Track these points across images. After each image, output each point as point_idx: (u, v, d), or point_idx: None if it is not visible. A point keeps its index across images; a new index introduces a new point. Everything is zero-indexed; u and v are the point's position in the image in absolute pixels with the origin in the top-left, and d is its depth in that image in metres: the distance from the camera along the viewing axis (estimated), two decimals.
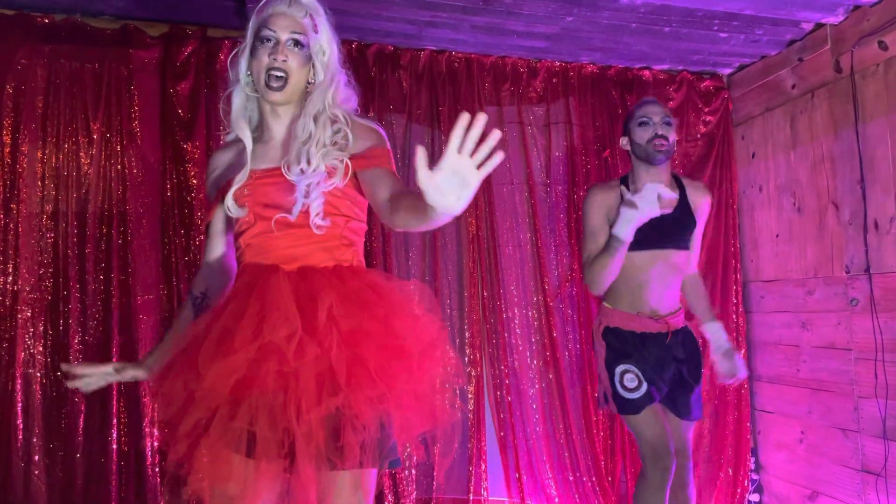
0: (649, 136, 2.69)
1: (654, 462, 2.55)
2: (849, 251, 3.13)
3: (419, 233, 3.60)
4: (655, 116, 2.71)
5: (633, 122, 2.75)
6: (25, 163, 3.19)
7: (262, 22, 1.73)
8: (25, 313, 3.17)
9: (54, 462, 3.16)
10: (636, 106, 2.83)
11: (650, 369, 2.62)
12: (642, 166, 2.74)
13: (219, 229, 1.92)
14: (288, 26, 1.72)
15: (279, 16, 1.72)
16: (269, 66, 1.70)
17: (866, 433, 3.02)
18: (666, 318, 2.70)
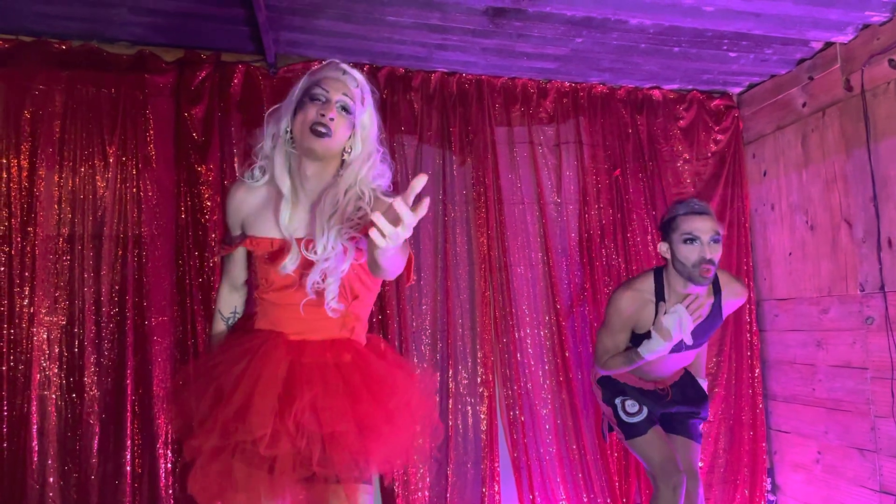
0: (696, 260, 2.48)
1: (665, 481, 2.57)
2: (863, 269, 3.12)
3: (431, 253, 3.61)
4: (705, 235, 2.48)
5: (678, 234, 2.52)
6: (42, 186, 3.24)
7: (315, 82, 1.80)
8: (41, 335, 3.20)
9: (69, 484, 3.17)
10: (681, 213, 2.55)
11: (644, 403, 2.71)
12: (681, 281, 2.56)
13: (240, 258, 2.01)
14: (340, 90, 1.79)
15: (332, 80, 1.80)
16: (315, 119, 1.76)
17: (884, 453, 2.99)
18: (666, 380, 2.77)
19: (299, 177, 1.84)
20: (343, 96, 1.79)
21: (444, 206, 3.62)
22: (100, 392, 3.24)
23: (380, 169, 1.87)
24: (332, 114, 1.76)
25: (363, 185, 1.80)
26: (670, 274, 2.60)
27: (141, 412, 3.27)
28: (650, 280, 2.64)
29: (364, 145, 1.84)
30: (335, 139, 1.78)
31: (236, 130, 3.51)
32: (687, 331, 2.41)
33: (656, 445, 2.60)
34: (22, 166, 3.21)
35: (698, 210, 2.54)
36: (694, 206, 2.55)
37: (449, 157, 3.65)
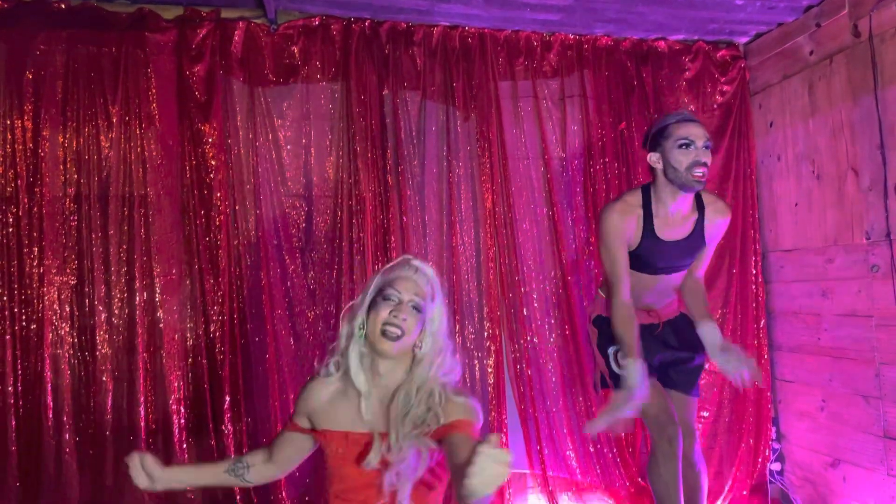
0: (690, 162, 2.49)
1: (660, 433, 2.58)
2: (869, 218, 3.11)
3: (437, 210, 3.61)
4: (699, 140, 2.51)
5: (671, 141, 2.52)
6: (47, 147, 3.25)
7: (388, 282, 1.88)
8: (52, 295, 3.23)
9: (84, 440, 3.24)
10: (673, 121, 2.58)
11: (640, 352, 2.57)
12: (670, 189, 2.56)
13: (290, 442, 2.04)
14: (412, 289, 1.86)
15: (405, 279, 1.88)
16: (387, 320, 1.82)
17: (888, 399, 3.01)
18: (658, 310, 2.76)
19: (372, 373, 1.89)
20: (415, 296, 1.86)
21: (448, 163, 3.61)
22: (111, 350, 3.29)
23: (451, 364, 1.91)
24: (405, 314, 1.83)
25: (433, 383, 1.84)
26: (659, 187, 2.60)
27: (153, 370, 3.32)
28: (638, 194, 2.64)
29: (434, 341, 1.88)
30: (406, 340, 1.84)
31: (238, 89, 3.50)
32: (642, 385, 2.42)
33: (651, 397, 2.49)
34: (26, 127, 3.22)
35: (691, 118, 2.58)
36: (686, 115, 2.59)
37: (452, 113, 3.63)
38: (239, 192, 3.46)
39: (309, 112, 3.55)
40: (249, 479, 2.03)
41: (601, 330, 2.76)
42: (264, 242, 3.46)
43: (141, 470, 1.90)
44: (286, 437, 2.03)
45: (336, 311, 3.48)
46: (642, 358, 2.52)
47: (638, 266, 2.63)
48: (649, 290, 2.71)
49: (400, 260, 1.96)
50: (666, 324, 2.78)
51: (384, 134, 3.57)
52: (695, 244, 2.69)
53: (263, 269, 3.43)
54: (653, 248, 2.59)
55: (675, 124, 2.55)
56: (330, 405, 1.92)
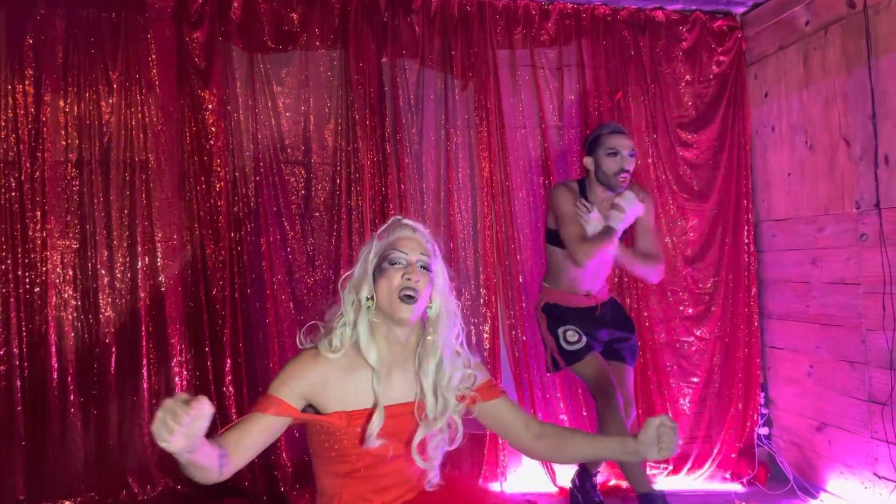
0: (616, 170, 2.98)
1: (602, 394, 2.91)
2: (859, 187, 3.16)
3: (434, 179, 3.66)
4: (624, 150, 2.98)
5: (602, 150, 3.00)
6: (48, 112, 3.28)
7: (391, 245, 1.76)
8: (55, 259, 3.29)
9: (89, 400, 3.32)
10: (605, 133, 3.04)
11: (585, 330, 3.04)
12: (600, 187, 3.06)
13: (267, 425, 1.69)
14: (416, 249, 1.76)
15: (407, 239, 1.77)
16: (401, 286, 1.72)
17: (873, 365, 3.09)
18: (597, 295, 3.14)
19: (388, 343, 1.78)
20: (421, 255, 1.76)
21: (446, 132, 3.65)
22: (115, 314, 3.35)
23: (459, 321, 1.84)
24: (417, 276, 1.73)
25: (455, 345, 1.80)
26: (591, 183, 3.08)
27: (155, 332, 3.38)
28: (575, 184, 3.12)
29: (444, 298, 1.81)
30: (422, 302, 1.74)
31: (238, 55, 3.52)
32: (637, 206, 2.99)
33: (593, 366, 2.95)
34: (27, 92, 3.25)
35: (618, 129, 3.05)
36: (615, 127, 3.07)
37: (451, 82, 3.66)
38: (238, 159, 3.50)
39: (308, 79, 3.58)
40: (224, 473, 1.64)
41: (549, 315, 3.11)
42: (264, 209, 3.50)
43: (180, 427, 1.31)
44: (263, 421, 1.66)
45: (335, 276, 3.54)
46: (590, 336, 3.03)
47: None
48: (585, 272, 3.05)
49: (391, 222, 1.83)
50: (602, 306, 3.13)
51: (383, 102, 3.60)
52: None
53: (263, 234, 3.48)
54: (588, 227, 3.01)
55: (607, 135, 3.02)
56: (338, 382, 1.73)
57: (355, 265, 1.82)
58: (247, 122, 3.52)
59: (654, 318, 3.76)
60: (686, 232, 3.83)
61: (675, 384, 3.77)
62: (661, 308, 3.79)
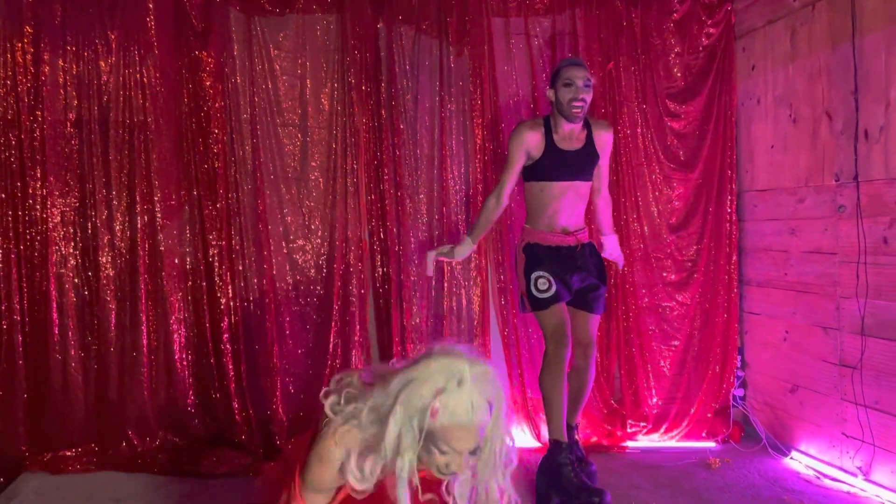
0: (570, 97, 3.07)
1: (554, 342, 3.10)
2: (839, 160, 3.28)
3: (428, 145, 3.73)
4: (579, 80, 3.07)
5: (559, 82, 3.11)
6: (47, 71, 3.30)
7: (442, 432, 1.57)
8: (55, 217, 3.34)
9: (89, 356, 3.41)
10: (563, 65, 3.16)
11: (560, 274, 3.16)
12: (561, 118, 3.16)
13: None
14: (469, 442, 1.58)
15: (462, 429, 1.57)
16: (441, 470, 1.63)
17: (845, 330, 3.25)
18: (575, 233, 3.23)
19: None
20: (473, 446, 1.60)
21: (440, 99, 3.71)
22: (114, 271, 3.42)
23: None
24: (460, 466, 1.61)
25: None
26: (556, 116, 3.19)
27: (154, 291, 3.46)
28: (541, 119, 3.25)
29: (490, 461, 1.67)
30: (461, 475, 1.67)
31: (235, 17, 3.55)
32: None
33: (554, 317, 3.11)
34: (26, 50, 3.27)
35: (576, 62, 3.16)
36: (573, 59, 3.21)
37: (446, 49, 3.71)
38: (236, 121, 3.55)
39: (305, 43, 3.62)
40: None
41: (528, 257, 3.22)
42: (261, 171, 3.57)
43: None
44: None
45: (330, 239, 3.63)
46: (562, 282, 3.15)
47: (546, 174, 3.18)
48: (560, 205, 3.20)
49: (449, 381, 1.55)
50: (582, 245, 3.24)
51: (378, 67, 3.65)
52: (589, 152, 3.23)
53: (260, 196, 3.55)
54: (556, 157, 3.16)
55: (565, 67, 3.13)
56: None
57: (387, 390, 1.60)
58: (244, 84, 3.56)
59: (637, 284, 3.89)
60: (671, 200, 3.94)
61: (656, 347, 3.92)
62: (645, 274, 3.92)
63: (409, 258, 3.72)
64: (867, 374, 3.10)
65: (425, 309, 3.75)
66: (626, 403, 3.87)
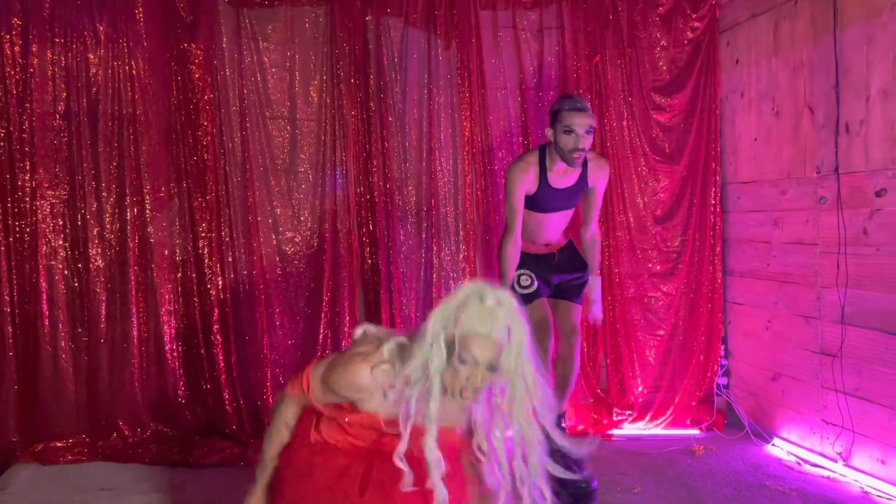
0: (571, 147, 3.03)
1: (537, 335, 3.11)
2: (820, 153, 3.34)
3: (417, 137, 3.76)
4: (580, 129, 3.02)
5: (560, 125, 3.04)
6: (36, 63, 3.30)
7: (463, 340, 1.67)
8: (45, 208, 3.35)
9: (79, 347, 3.42)
10: (565, 109, 3.04)
11: (540, 273, 3.26)
12: (558, 157, 3.12)
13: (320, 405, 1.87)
14: (488, 353, 1.68)
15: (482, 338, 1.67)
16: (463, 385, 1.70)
17: (826, 319, 3.32)
18: (554, 244, 3.34)
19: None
20: (491, 359, 1.69)
21: (429, 91, 3.74)
22: (104, 263, 3.43)
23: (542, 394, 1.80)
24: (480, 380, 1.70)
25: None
26: (551, 151, 3.15)
27: (144, 282, 3.48)
28: (535, 153, 3.21)
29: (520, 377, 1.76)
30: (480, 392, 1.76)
31: (224, 9, 3.55)
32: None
33: (536, 312, 3.16)
34: (14, 41, 3.26)
35: (579, 108, 3.04)
36: (576, 104, 3.06)
37: (434, 41, 3.73)
38: (225, 114, 3.57)
39: (293, 35, 3.63)
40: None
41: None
42: (250, 163, 3.58)
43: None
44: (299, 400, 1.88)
45: (319, 231, 3.66)
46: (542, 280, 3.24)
47: (536, 207, 3.22)
48: (545, 227, 3.30)
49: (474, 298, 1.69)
50: (559, 252, 3.34)
51: (367, 60, 3.67)
52: (578, 189, 3.26)
53: (250, 189, 3.57)
54: (547, 194, 3.19)
55: (566, 112, 3.05)
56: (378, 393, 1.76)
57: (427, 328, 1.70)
58: (233, 76, 3.57)
59: (623, 275, 3.95)
60: (657, 192, 4.00)
61: (641, 337, 3.99)
62: (631, 265, 3.97)
63: (398, 249, 3.76)
64: (847, 363, 3.17)
65: (414, 300, 3.79)
66: (612, 392, 3.93)
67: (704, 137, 3.97)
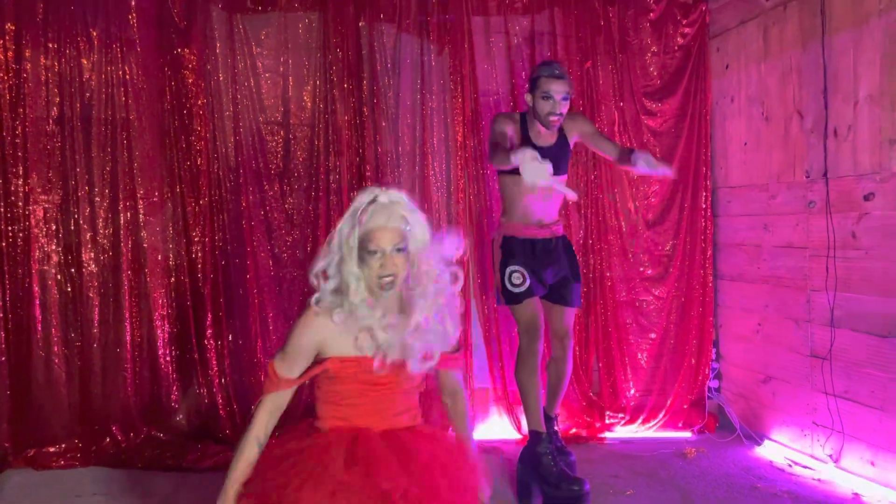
0: (548, 111, 3.11)
1: (528, 336, 3.18)
2: (809, 157, 3.38)
3: (410, 141, 3.78)
4: (557, 95, 3.10)
5: (539, 91, 3.12)
6: (29, 68, 3.30)
7: (367, 236, 1.90)
8: (38, 213, 3.35)
9: (72, 352, 3.42)
10: (543, 76, 3.12)
11: (534, 268, 3.20)
12: (536, 121, 3.20)
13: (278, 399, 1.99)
14: (390, 239, 1.90)
15: (382, 230, 1.90)
16: (379, 274, 1.90)
17: (816, 322, 3.35)
18: (550, 226, 3.27)
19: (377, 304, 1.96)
20: (396, 241, 1.90)
21: (422, 97, 3.76)
22: (97, 268, 3.43)
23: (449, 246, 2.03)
24: (393, 261, 1.89)
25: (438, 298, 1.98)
26: (531, 118, 3.23)
27: (137, 287, 3.48)
28: (518, 115, 3.30)
29: (421, 255, 1.96)
30: (399, 278, 1.92)
31: (217, 15, 3.57)
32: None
33: (527, 311, 3.18)
34: (7, 47, 3.26)
35: (557, 75, 3.12)
36: (554, 71, 3.14)
37: (427, 47, 3.76)
38: (219, 119, 3.58)
39: (287, 41, 3.65)
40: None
41: (504, 251, 3.26)
42: (244, 168, 3.60)
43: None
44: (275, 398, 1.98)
45: (313, 236, 3.67)
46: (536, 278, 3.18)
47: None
48: (535, 201, 3.22)
49: (369, 199, 1.94)
50: (557, 239, 3.29)
51: (360, 65, 3.69)
52: (562, 145, 3.28)
53: (243, 193, 3.58)
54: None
55: (545, 78, 3.11)
56: (341, 334, 1.96)
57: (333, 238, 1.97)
58: (226, 82, 3.58)
59: (615, 278, 3.97)
60: (648, 196, 4.03)
61: (633, 340, 4.01)
62: (623, 269, 4.00)
63: None
64: (837, 365, 3.20)
65: None
66: (605, 395, 3.95)
67: (695, 142, 4.00)
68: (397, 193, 1.99)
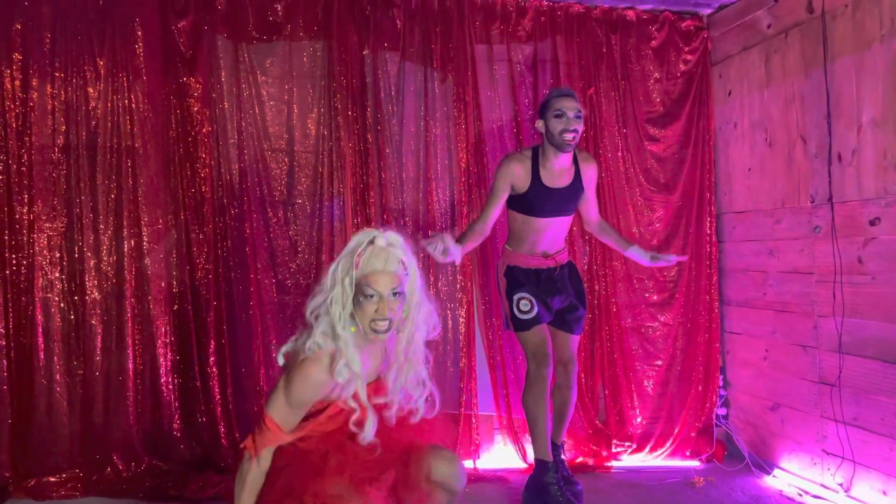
0: (562, 129, 3.07)
1: (535, 362, 3.18)
2: (814, 182, 3.37)
3: (414, 167, 3.79)
4: (570, 112, 3.08)
5: (550, 112, 3.11)
6: (36, 97, 3.33)
7: (365, 280, 1.95)
8: (42, 241, 3.35)
9: (74, 380, 3.40)
10: (553, 96, 3.15)
11: (540, 296, 3.22)
12: (551, 150, 3.15)
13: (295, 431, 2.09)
14: (388, 283, 1.95)
15: (380, 274, 1.95)
16: (373, 318, 1.96)
17: (823, 348, 3.32)
18: (554, 255, 3.28)
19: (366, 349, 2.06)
20: (393, 286, 1.96)
21: (425, 123, 3.77)
22: (101, 296, 3.42)
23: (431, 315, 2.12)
24: (389, 306, 1.95)
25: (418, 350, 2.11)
26: (544, 147, 3.19)
27: (140, 314, 3.47)
28: (529, 151, 3.27)
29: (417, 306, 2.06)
30: (394, 323, 1.99)
31: (223, 44, 3.60)
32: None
33: (535, 338, 3.19)
34: (15, 76, 3.29)
35: (566, 93, 3.16)
36: (563, 90, 3.19)
37: (430, 74, 3.78)
38: (223, 146, 3.59)
39: (291, 69, 3.67)
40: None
41: (510, 280, 3.27)
42: (248, 195, 3.60)
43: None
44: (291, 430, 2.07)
45: (317, 262, 3.66)
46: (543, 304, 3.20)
47: (532, 210, 3.20)
48: (542, 236, 3.24)
49: (366, 243, 1.98)
50: (561, 268, 3.29)
51: (364, 93, 3.71)
52: (575, 190, 3.27)
53: (247, 220, 3.58)
54: (540, 194, 3.18)
55: (555, 98, 3.13)
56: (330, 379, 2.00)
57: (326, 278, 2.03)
58: (231, 110, 3.60)
59: (620, 305, 3.95)
60: (652, 223, 4.02)
61: (639, 367, 3.97)
62: (628, 295, 3.98)
63: None
64: (846, 392, 3.16)
65: None
66: (611, 423, 3.91)
67: (699, 168, 4.01)
68: (395, 236, 2.01)
